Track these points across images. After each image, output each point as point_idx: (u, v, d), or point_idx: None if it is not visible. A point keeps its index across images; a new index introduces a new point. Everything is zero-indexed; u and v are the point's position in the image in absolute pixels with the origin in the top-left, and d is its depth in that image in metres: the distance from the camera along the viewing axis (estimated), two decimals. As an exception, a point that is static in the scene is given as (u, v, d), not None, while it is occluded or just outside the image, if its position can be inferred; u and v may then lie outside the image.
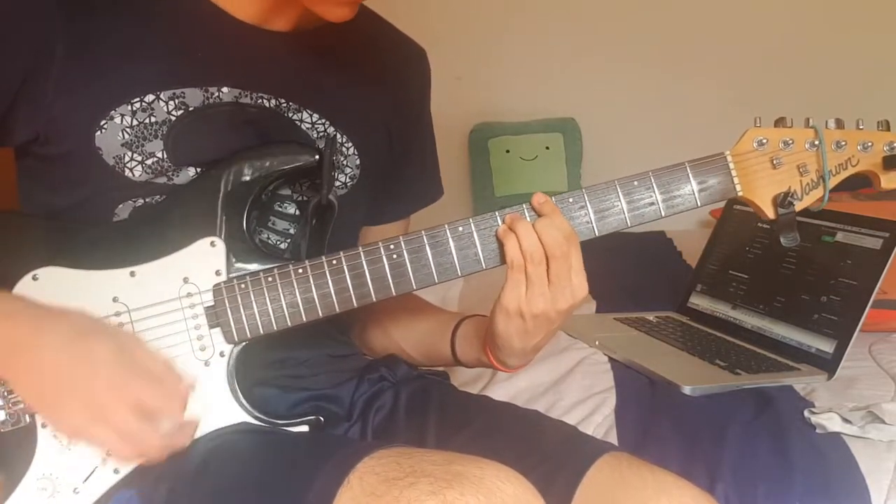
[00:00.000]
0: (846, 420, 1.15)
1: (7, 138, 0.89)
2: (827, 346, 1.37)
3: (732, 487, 1.05)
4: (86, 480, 0.83)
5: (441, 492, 0.70)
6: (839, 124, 0.90)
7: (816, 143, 0.90)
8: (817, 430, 1.15)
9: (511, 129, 2.70)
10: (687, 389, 1.27)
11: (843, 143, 0.90)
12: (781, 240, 0.90)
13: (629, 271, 1.98)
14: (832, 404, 1.22)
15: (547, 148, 2.68)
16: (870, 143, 0.91)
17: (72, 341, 0.77)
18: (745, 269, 1.60)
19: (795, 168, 0.90)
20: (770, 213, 0.90)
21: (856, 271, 1.38)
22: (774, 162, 0.90)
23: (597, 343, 1.49)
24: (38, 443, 0.83)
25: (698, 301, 1.66)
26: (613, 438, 1.17)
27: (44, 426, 0.83)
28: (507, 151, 2.68)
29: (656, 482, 0.86)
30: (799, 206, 0.90)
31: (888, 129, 0.91)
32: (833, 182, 0.90)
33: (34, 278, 0.83)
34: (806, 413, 1.19)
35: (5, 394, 0.83)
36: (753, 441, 1.13)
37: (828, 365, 1.35)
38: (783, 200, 0.89)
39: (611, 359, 1.43)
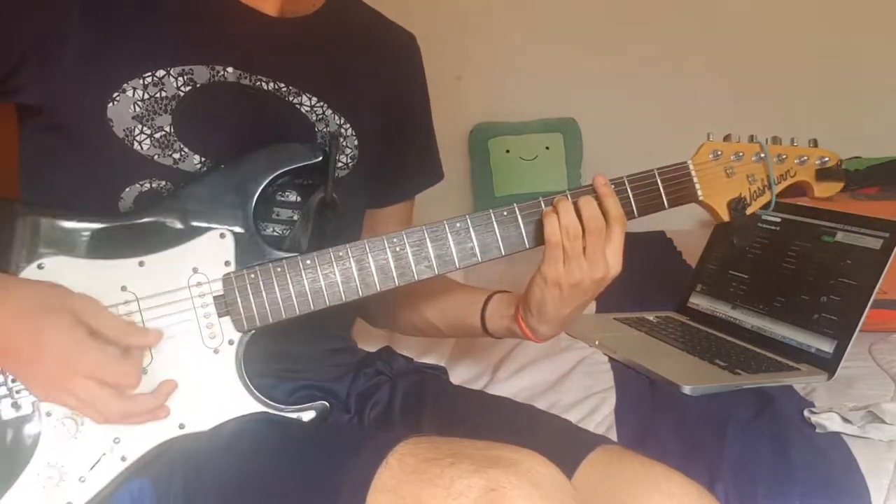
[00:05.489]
0: (846, 420, 1.15)
1: (12, 94, 0.90)
2: (827, 346, 1.37)
3: (732, 487, 1.05)
4: (92, 468, 0.84)
5: (483, 470, 0.72)
6: (776, 141, 1.02)
7: (762, 155, 1.01)
8: (817, 430, 1.15)
9: (511, 129, 2.69)
10: (687, 389, 1.27)
11: (784, 156, 1.02)
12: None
13: (629, 271, 1.97)
14: (832, 404, 1.22)
15: (547, 148, 2.68)
16: (805, 157, 1.03)
17: (25, 318, 0.79)
18: (745, 269, 1.60)
19: (745, 177, 1.01)
20: (725, 217, 1.01)
21: (856, 271, 1.38)
22: (728, 171, 1.00)
23: (597, 343, 1.49)
24: (43, 431, 0.84)
25: (698, 301, 1.67)
26: (613, 438, 1.17)
27: (48, 415, 0.84)
28: (507, 151, 2.68)
29: (648, 475, 0.87)
30: (749, 210, 1.01)
31: (817, 145, 1.04)
32: (776, 190, 1.01)
33: (39, 267, 0.85)
34: (806, 413, 1.19)
35: (9, 382, 0.84)
36: (753, 441, 1.13)
37: (828, 365, 1.35)
38: (736, 205, 1.00)
39: (611, 359, 1.44)
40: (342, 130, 1.00)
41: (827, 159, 1.03)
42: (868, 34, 2.59)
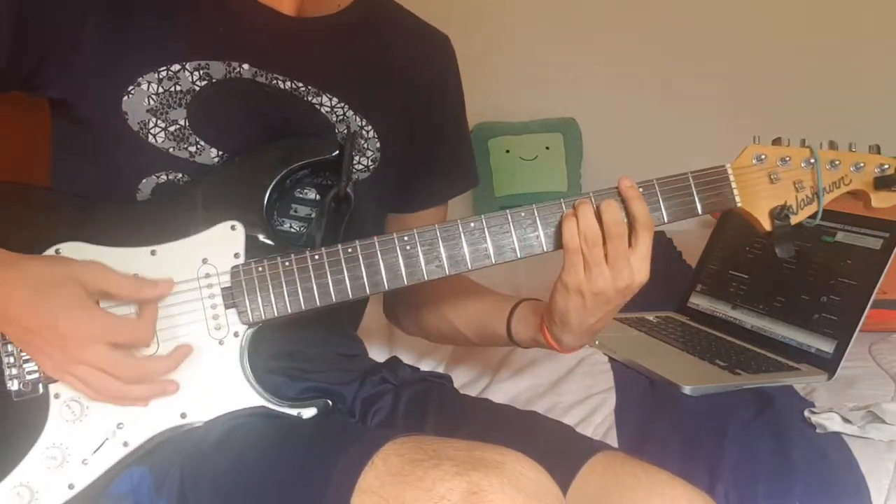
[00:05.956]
0: (846, 420, 1.15)
1: (40, 88, 0.91)
2: (827, 346, 1.37)
3: (732, 487, 1.05)
4: (95, 452, 0.85)
5: (465, 473, 0.71)
6: (832, 146, 0.95)
7: (812, 161, 0.94)
8: (817, 430, 1.15)
9: (511, 129, 2.69)
10: (687, 389, 1.27)
11: (837, 162, 0.94)
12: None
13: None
14: (832, 404, 1.22)
15: (547, 148, 2.67)
16: (862, 164, 0.95)
17: (35, 294, 0.79)
18: (745, 269, 1.60)
19: (791, 184, 0.94)
20: (767, 226, 0.94)
21: (856, 271, 1.38)
22: (772, 177, 0.94)
23: (597, 343, 1.49)
24: (50, 413, 0.85)
25: (698, 301, 1.67)
26: (613, 438, 1.17)
27: (56, 397, 0.85)
28: (507, 151, 2.68)
29: (649, 481, 0.87)
30: (794, 220, 0.94)
31: (879, 152, 0.96)
32: (827, 199, 0.95)
33: (57, 252, 0.86)
34: (806, 413, 1.19)
35: (21, 364, 0.85)
36: (753, 441, 1.13)
37: (828, 365, 1.35)
38: (779, 213, 0.93)
39: (611, 359, 1.43)
40: (363, 132, 1.00)
41: (887, 166, 0.94)
42: (869, 34, 2.59)
